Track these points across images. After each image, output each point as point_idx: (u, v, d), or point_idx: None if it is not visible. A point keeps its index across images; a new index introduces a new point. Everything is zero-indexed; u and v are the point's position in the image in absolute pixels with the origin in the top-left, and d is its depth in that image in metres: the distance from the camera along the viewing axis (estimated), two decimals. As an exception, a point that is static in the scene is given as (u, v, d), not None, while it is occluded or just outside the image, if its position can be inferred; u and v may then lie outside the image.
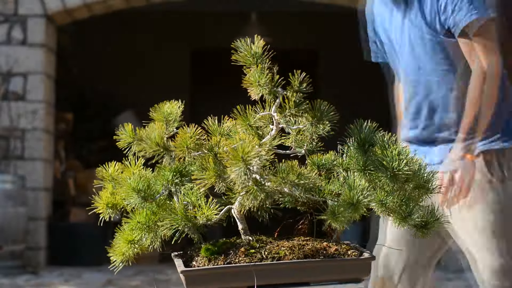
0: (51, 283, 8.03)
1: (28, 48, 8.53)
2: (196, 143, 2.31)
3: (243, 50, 2.33)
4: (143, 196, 2.37)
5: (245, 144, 2.15)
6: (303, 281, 2.25)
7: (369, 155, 2.28)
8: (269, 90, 2.32)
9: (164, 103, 2.45)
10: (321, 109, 2.35)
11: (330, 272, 2.26)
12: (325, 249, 2.29)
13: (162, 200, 2.39)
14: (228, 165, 2.19)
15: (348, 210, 2.22)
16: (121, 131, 2.46)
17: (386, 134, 2.32)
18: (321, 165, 2.43)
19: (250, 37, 2.35)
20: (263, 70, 2.31)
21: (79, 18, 8.92)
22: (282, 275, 2.24)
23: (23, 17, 8.44)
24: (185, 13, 11.81)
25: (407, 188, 2.26)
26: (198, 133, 2.32)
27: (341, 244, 2.33)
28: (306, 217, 2.45)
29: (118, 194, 2.40)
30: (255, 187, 2.20)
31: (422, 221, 2.26)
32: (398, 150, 2.26)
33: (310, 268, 2.25)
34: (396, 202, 2.25)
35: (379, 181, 2.26)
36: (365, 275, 2.27)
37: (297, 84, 2.33)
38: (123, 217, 2.40)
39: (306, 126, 2.36)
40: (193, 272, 2.25)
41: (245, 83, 2.34)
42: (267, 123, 2.39)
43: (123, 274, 8.13)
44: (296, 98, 2.32)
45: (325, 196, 2.31)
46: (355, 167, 2.29)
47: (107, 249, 2.37)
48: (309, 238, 2.38)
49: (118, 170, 2.44)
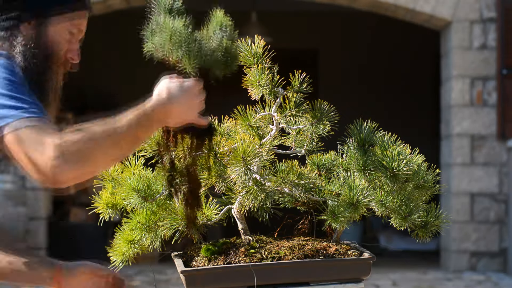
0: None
1: (28, 48, 8.54)
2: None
3: (243, 50, 2.33)
4: (143, 196, 2.37)
5: (246, 145, 2.15)
6: (303, 281, 2.25)
7: (369, 155, 2.28)
8: (269, 90, 2.32)
9: (164, 103, 2.45)
10: (321, 109, 2.35)
11: (330, 272, 2.26)
12: (325, 249, 2.29)
13: (162, 200, 2.39)
14: (228, 165, 2.19)
15: (348, 210, 2.22)
16: (121, 131, 2.46)
17: (386, 134, 2.32)
18: (321, 165, 2.43)
19: (250, 37, 2.35)
20: (263, 70, 2.32)
21: (79, 18, 8.92)
22: (282, 275, 2.24)
23: (23, 17, 8.46)
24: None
25: (407, 188, 2.26)
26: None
27: (341, 244, 2.32)
28: (306, 217, 2.45)
29: (118, 194, 2.40)
30: (255, 187, 2.20)
31: (422, 221, 2.26)
32: (398, 150, 2.26)
33: (310, 268, 2.25)
34: (396, 202, 2.25)
35: (379, 181, 2.26)
36: (365, 275, 2.27)
37: (298, 84, 2.33)
38: (123, 217, 2.40)
39: (306, 126, 2.36)
40: (193, 272, 2.25)
41: (245, 83, 2.34)
42: (267, 123, 2.39)
43: (123, 274, 8.11)
44: (296, 99, 2.32)
45: (325, 196, 2.30)
46: (355, 167, 2.29)
47: (107, 249, 2.37)
48: (309, 238, 2.38)
49: (118, 170, 2.44)
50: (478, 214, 8.46)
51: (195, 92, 2.06)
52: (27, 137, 1.86)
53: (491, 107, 8.47)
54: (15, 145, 1.87)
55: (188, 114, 2.06)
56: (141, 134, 1.98)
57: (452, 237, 8.45)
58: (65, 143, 1.85)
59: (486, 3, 8.48)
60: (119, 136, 1.93)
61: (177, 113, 2.03)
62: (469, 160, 8.46)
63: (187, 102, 2.03)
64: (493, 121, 8.45)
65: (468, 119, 8.48)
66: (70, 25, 2.14)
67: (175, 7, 2.15)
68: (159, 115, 2.01)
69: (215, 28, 2.14)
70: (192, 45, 2.06)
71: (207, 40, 2.10)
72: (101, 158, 1.92)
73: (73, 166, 1.85)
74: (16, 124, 1.88)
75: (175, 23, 2.07)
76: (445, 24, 8.69)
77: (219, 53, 2.07)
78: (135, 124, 1.96)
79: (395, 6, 8.68)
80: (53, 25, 2.12)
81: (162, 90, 2.04)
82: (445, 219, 2.30)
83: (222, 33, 2.12)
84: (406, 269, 8.72)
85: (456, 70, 8.50)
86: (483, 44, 8.50)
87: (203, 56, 2.07)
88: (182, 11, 2.13)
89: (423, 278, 8.20)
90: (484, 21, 8.50)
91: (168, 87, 2.04)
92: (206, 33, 2.11)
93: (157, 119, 2.00)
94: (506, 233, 8.40)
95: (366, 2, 8.84)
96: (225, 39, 2.11)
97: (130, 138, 1.95)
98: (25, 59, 2.08)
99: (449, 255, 8.56)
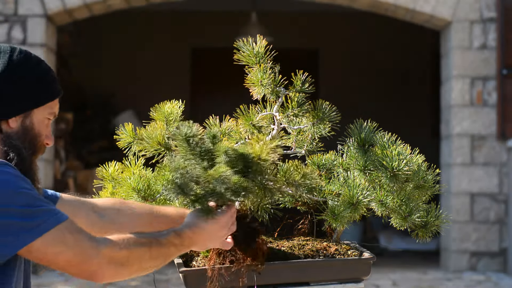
0: (51, 283, 8.03)
1: (28, 48, 8.52)
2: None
3: (245, 50, 2.33)
4: (143, 196, 2.37)
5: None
6: (303, 281, 2.25)
7: (369, 155, 2.28)
8: (271, 89, 2.32)
9: (164, 102, 2.45)
10: (323, 109, 2.35)
11: (330, 272, 2.26)
12: (325, 249, 2.29)
13: (162, 200, 2.39)
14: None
15: (348, 210, 2.22)
16: (121, 131, 2.46)
17: (386, 134, 2.32)
18: (321, 165, 2.43)
19: (251, 37, 2.35)
20: (265, 69, 2.31)
21: (79, 18, 8.92)
22: (282, 275, 2.24)
23: (23, 17, 8.44)
24: (185, 13, 11.81)
25: (407, 188, 2.26)
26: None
27: (341, 244, 2.32)
28: (306, 217, 2.45)
29: (118, 194, 2.40)
30: (256, 187, 2.20)
31: (422, 221, 2.26)
32: (398, 150, 2.25)
33: (310, 268, 2.25)
34: (396, 202, 2.25)
35: (379, 181, 2.26)
36: (365, 275, 2.27)
37: (299, 84, 2.33)
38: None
39: (307, 126, 2.36)
40: (193, 272, 2.25)
41: (247, 82, 2.34)
42: (268, 123, 2.39)
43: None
44: (298, 98, 2.32)
45: (325, 196, 2.30)
46: (355, 167, 2.29)
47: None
48: (309, 238, 2.38)
49: (118, 170, 2.44)
50: (478, 214, 8.46)
51: (225, 224, 2.17)
52: (68, 240, 1.98)
53: (491, 107, 8.47)
54: (54, 247, 1.97)
55: (214, 243, 2.20)
56: (174, 253, 2.12)
57: (452, 237, 8.45)
58: (109, 251, 2.01)
59: (486, 3, 8.47)
60: (157, 253, 2.07)
61: (203, 242, 2.16)
62: (469, 160, 8.46)
63: (216, 234, 2.17)
64: (493, 121, 8.45)
65: (468, 119, 8.47)
66: (48, 112, 2.20)
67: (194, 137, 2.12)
68: (190, 241, 2.13)
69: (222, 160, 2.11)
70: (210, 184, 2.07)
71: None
72: (137, 268, 2.07)
73: (113, 272, 2.02)
74: (55, 229, 1.97)
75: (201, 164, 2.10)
76: (445, 24, 8.69)
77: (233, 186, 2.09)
78: (171, 244, 2.09)
79: (395, 6, 8.67)
80: (36, 116, 2.18)
81: (195, 221, 2.15)
82: (445, 219, 2.30)
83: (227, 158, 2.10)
84: (406, 269, 8.72)
85: (456, 70, 8.49)
86: (483, 44, 8.50)
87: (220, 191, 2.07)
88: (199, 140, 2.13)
89: (423, 278, 8.20)
90: (484, 21, 8.50)
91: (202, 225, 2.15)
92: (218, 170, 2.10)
93: (187, 245, 2.13)
94: (506, 233, 8.40)
95: (366, 2, 8.83)
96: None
97: (164, 257, 2.09)
98: (18, 156, 2.12)
99: (449, 255, 8.56)
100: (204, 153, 2.11)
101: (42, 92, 2.18)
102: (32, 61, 2.19)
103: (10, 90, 2.12)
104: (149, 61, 12.11)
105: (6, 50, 2.17)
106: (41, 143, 2.20)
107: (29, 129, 2.16)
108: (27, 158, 2.14)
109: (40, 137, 2.19)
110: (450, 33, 8.58)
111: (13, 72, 2.14)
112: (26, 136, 2.15)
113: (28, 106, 2.16)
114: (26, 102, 2.15)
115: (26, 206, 1.96)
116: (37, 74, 2.18)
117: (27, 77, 2.16)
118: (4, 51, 2.16)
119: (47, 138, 2.21)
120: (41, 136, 2.19)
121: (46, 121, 2.20)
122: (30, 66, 2.17)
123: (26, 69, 2.16)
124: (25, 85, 2.14)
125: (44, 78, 2.19)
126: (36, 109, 2.17)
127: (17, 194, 1.96)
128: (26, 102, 2.15)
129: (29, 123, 2.16)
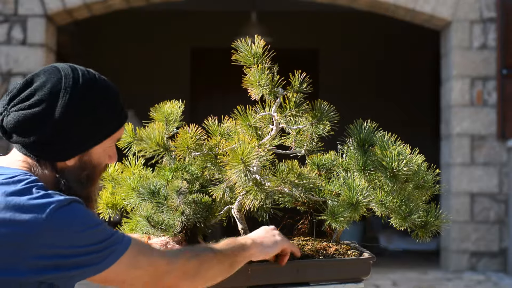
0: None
1: (28, 48, 8.53)
2: (197, 143, 2.30)
3: (243, 50, 2.32)
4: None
5: (244, 145, 2.15)
6: (303, 281, 2.25)
7: (369, 155, 2.28)
8: (269, 90, 2.32)
9: (164, 103, 2.45)
10: (322, 109, 2.34)
11: (330, 272, 2.26)
12: (325, 249, 2.29)
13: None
14: (228, 167, 2.18)
15: (348, 210, 2.22)
16: (121, 131, 2.46)
17: (386, 134, 2.32)
18: (321, 165, 2.43)
19: (250, 37, 2.34)
20: (263, 70, 2.31)
21: (79, 18, 8.92)
22: (282, 275, 2.24)
23: (23, 17, 8.44)
24: (185, 13, 11.80)
25: (407, 188, 2.26)
26: (198, 133, 2.32)
27: (341, 244, 2.32)
28: (306, 217, 2.45)
29: (118, 194, 2.40)
30: (255, 187, 2.20)
31: (422, 221, 2.26)
32: (398, 150, 2.25)
33: (310, 268, 2.25)
34: (396, 202, 2.24)
35: (379, 181, 2.26)
36: (365, 275, 2.27)
37: (298, 84, 2.32)
38: (123, 217, 2.40)
39: (306, 126, 2.36)
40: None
41: (245, 83, 2.34)
42: (267, 123, 2.39)
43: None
44: (296, 98, 2.32)
45: (325, 196, 2.30)
46: (355, 167, 2.29)
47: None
48: (309, 238, 2.38)
49: (118, 170, 2.44)
50: (478, 214, 8.46)
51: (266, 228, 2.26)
52: (141, 262, 1.97)
53: (491, 107, 8.47)
54: (130, 272, 1.95)
55: (269, 254, 2.23)
56: (237, 266, 2.17)
57: (452, 237, 8.45)
58: (181, 264, 2.03)
59: (486, 3, 8.47)
60: (223, 257, 2.12)
61: (259, 254, 2.21)
62: (469, 160, 8.46)
63: (267, 232, 2.24)
64: (493, 121, 8.45)
65: (468, 119, 8.47)
66: (111, 140, 2.05)
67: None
68: (250, 253, 2.19)
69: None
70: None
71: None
72: (206, 280, 2.11)
73: (189, 282, 2.05)
74: (128, 253, 1.94)
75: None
76: (445, 24, 8.69)
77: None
78: (232, 247, 2.16)
79: (395, 6, 8.67)
80: (97, 149, 2.02)
81: (258, 236, 2.23)
82: (445, 219, 2.30)
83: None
84: (406, 269, 8.72)
85: (456, 70, 8.49)
86: (483, 44, 8.50)
87: None
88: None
89: (423, 278, 8.20)
90: (484, 21, 8.49)
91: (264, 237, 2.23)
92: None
93: (248, 256, 2.18)
94: (506, 233, 8.40)
95: (366, 2, 8.83)
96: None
97: (229, 268, 2.14)
98: (80, 189, 2.01)
99: (449, 255, 8.56)
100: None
101: (108, 123, 2.02)
102: (98, 87, 2.02)
103: (71, 132, 1.94)
104: (149, 61, 12.11)
105: (68, 81, 1.95)
106: (100, 171, 2.06)
107: (87, 164, 2.00)
108: (82, 192, 2.00)
109: (99, 167, 2.04)
110: (450, 33, 8.58)
111: (76, 110, 1.93)
112: (83, 171, 2.00)
113: (91, 145, 2.00)
114: (90, 141, 1.99)
115: (97, 244, 1.89)
116: (105, 105, 2.01)
117: (92, 114, 1.97)
118: (66, 84, 1.94)
119: (109, 158, 2.06)
120: (100, 166, 2.04)
121: (108, 150, 2.05)
122: (96, 95, 2.00)
123: (91, 104, 1.97)
124: (90, 123, 1.97)
125: (111, 108, 2.04)
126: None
127: (93, 232, 1.89)
128: (90, 142, 1.99)
129: (88, 158, 2.00)
